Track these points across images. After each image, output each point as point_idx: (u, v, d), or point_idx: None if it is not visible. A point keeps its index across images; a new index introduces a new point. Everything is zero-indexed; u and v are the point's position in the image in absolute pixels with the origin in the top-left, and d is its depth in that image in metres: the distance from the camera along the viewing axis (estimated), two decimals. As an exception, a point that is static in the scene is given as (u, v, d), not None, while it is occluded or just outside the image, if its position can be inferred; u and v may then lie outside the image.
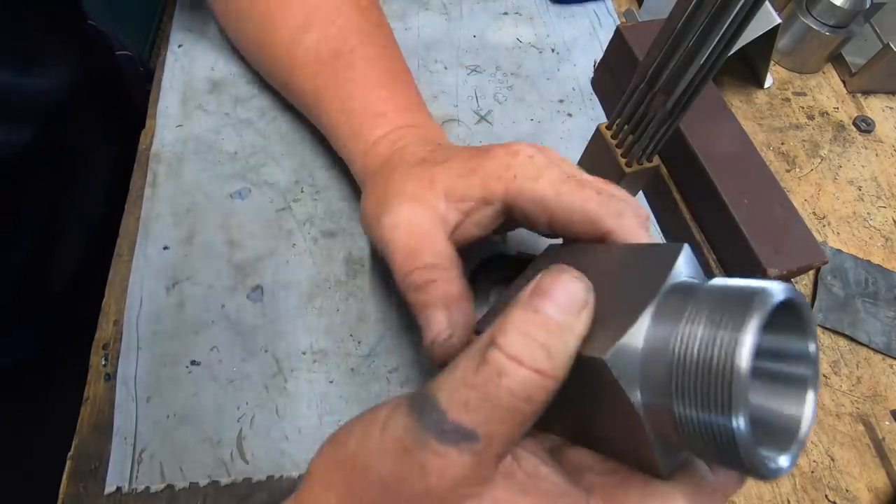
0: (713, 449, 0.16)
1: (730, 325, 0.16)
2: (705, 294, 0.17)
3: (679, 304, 0.18)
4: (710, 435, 0.16)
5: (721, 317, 0.16)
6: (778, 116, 0.53)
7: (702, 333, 0.16)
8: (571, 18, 0.56)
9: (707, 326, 0.16)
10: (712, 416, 0.16)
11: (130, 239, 0.40)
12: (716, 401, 0.15)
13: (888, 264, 0.46)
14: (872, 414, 0.40)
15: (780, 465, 0.17)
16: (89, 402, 0.35)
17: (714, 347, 0.16)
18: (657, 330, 0.18)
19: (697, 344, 0.16)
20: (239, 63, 0.48)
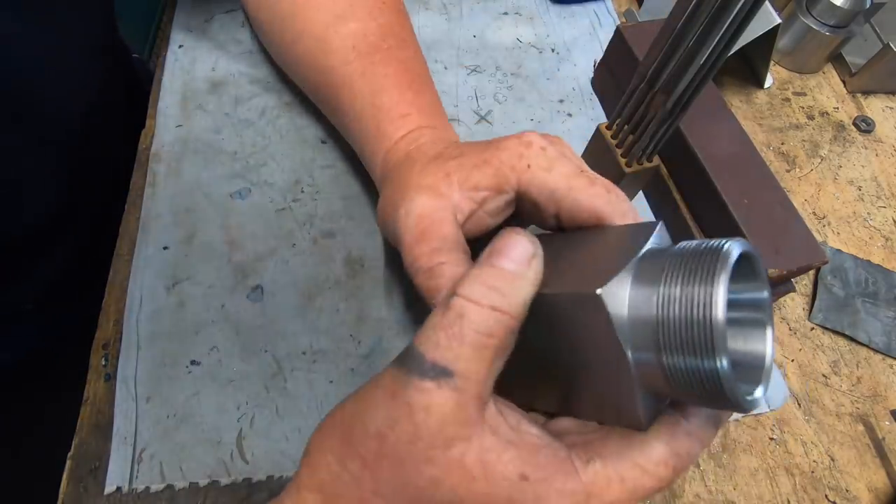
0: (700, 390, 0.18)
1: (703, 282, 0.18)
2: (676, 256, 0.19)
3: (655, 268, 0.20)
4: (697, 379, 0.18)
5: (694, 276, 0.18)
6: (778, 116, 0.53)
7: (680, 293, 0.18)
8: (571, 18, 0.56)
9: (684, 286, 0.18)
10: (699, 362, 0.18)
11: (130, 239, 0.40)
12: (701, 349, 0.18)
13: (888, 264, 0.46)
14: (872, 414, 0.40)
15: (755, 395, 0.19)
16: (89, 402, 0.35)
17: (693, 304, 0.18)
18: (638, 292, 0.20)
19: (678, 302, 0.18)
20: (240, 63, 0.48)
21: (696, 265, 0.19)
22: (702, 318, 0.18)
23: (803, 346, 0.42)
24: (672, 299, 0.19)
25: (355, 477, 0.20)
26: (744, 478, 0.37)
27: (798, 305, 0.44)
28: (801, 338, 0.42)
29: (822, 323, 0.43)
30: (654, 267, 0.20)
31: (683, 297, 0.18)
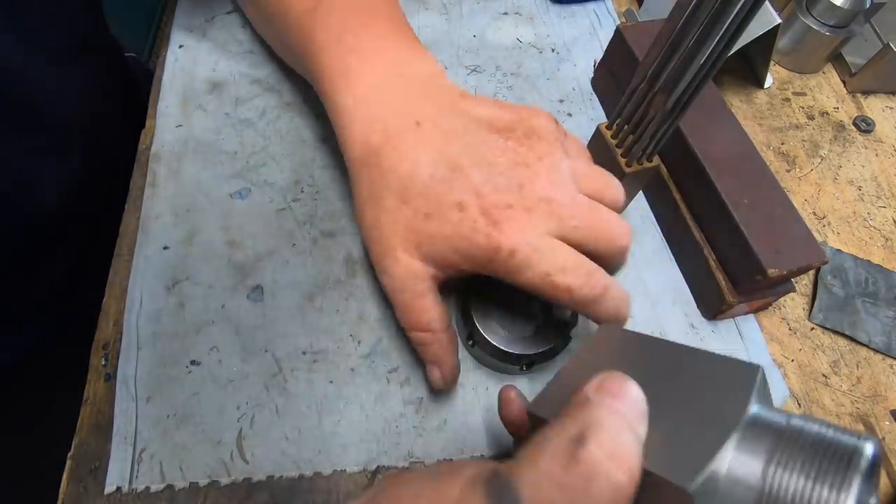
0: None
1: (829, 483, 0.16)
2: (794, 435, 0.17)
3: (763, 438, 0.18)
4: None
5: (818, 471, 0.16)
6: (778, 116, 0.53)
7: (796, 482, 0.17)
8: (571, 18, 0.56)
9: (802, 477, 0.16)
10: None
11: (130, 239, 0.40)
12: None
13: (888, 264, 0.46)
14: (872, 414, 0.40)
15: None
16: (89, 402, 0.35)
17: (812, 500, 0.16)
18: (739, 463, 0.18)
19: (791, 491, 0.16)
20: (240, 64, 0.48)
21: (823, 456, 0.17)
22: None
23: (803, 346, 0.42)
24: (783, 483, 0.17)
25: None
26: (744, 478, 0.37)
27: (798, 305, 0.44)
28: (801, 338, 0.42)
29: (822, 323, 0.43)
30: (763, 436, 0.18)
31: (801, 488, 0.16)
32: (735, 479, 0.17)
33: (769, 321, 0.42)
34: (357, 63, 0.35)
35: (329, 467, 0.34)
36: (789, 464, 0.17)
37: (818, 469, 0.16)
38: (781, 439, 0.17)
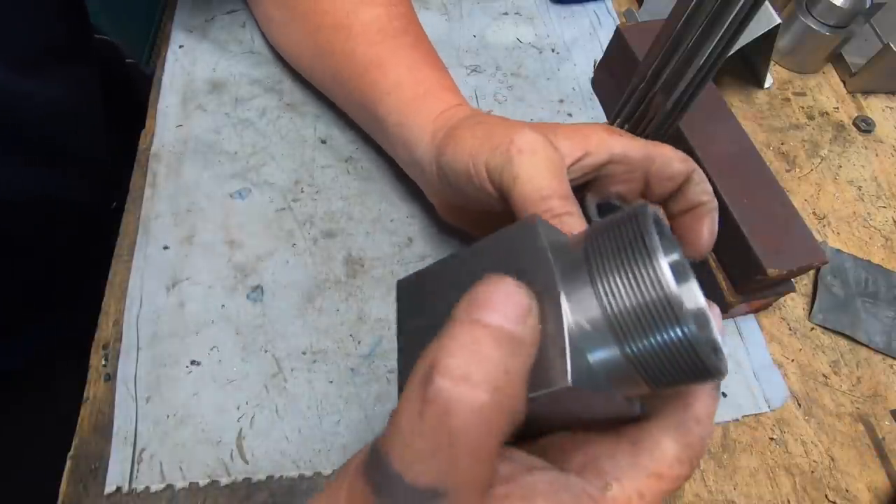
0: (676, 367, 0.17)
1: (640, 261, 0.17)
2: (591, 247, 0.18)
3: (574, 270, 0.18)
4: (669, 355, 0.17)
5: (626, 258, 0.17)
6: (778, 116, 0.53)
7: (622, 284, 0.17)
8: (571, 18, 0.56)
9: (621, 274, 0.17)
10: (667, 338, 0.17)
11: (130, 239, 0.40)
12: (664, 324, 0.17)
13: (888, 264, 0.46)
14: (872, 414, 0.40)
15: (722, 351, 0.18)
16: (89, 402, 0.35)
17: (640, 287, 0.17)
18: (577, 307, 0.18)
19: (623, 293, 0.17)
20: (240, 64, 0.48)
21: (621, 246, 0.17)
22: (655, 296, 0.17)
23: (803, 346, 0.42)
24: (615, 291, 0.17)
25: None
26: (744, 478, 0.37)
27: (798, 305, 0.44)
28: (801, 338, 0.42)
29: (822, 323, 0.43)
30: (577, 273, 0.18)
31: (626, 286, 0.17)
32: (584, 320, 0.18)
33: (769, 321, 0.42)
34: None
35: (329, 467, 0.34)
36: (606, 271, 0.17)
37: (626, 257, 0.17)
38: (588, 262, 0.18)
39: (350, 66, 0.40)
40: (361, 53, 0.39)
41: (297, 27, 0.43)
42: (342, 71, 0.40)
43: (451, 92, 0.37)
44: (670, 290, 0.16)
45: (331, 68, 0.41)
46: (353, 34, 0.39)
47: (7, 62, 0.37)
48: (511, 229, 0.20)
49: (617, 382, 0.18)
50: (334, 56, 0.40)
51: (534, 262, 0.19)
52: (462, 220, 0.38)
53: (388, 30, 0.39)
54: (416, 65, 0.38)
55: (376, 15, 0.40)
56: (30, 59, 0.40)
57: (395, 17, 0.40)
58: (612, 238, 0.18)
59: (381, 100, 0.38)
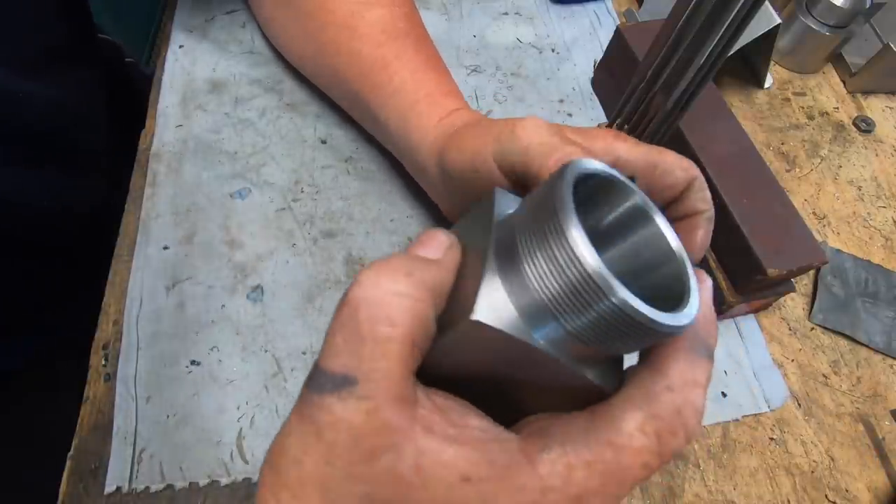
0: (624, 337, 0.16)
1: (553, 232, 0.16)
2: (520, 218, 0.18)
3: (510, 244, 0.18)
4: (612, 328, 0.16)
5: (542, 228, 0.16)
6: (778, 116, 0.53)
7: (541, 256, 0.16)
8: (571, 18, 0.56)
9: (540, 247, 0.16)
10: (599, 312, 0.16)
11: (130, 239, 0.40)
12: (591, 297, 0.16)
13: (888, 264, 0.46)
14: (872, 414, 0.40)
15: (688, 303, 0.17)
16: (89, 402, 0.35)
17: (557, 260, 0.16)
18: (509, 279, 0.17)
19: (544, 267, 0.16)
20: (240, 64, 0.48)
21: (539, 216, 0.17)
22: (574, 270, 0.16)
23: (803, 346, 0.42)
24: (538, 267, 0.16)
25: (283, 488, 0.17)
26: (744, 478, 0.37)
27: (798, 305, 0.44)
28: (801, 338, 0.42)
29: (822, 323, 0.43)
30: (509, 244, 0.18)
31: (545, 259, 0.16)
32: (511, 284, 0.17)
33: (769, 321, 0.42)
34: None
35: (329, 467, 0.34)
36: (529, 241, 0.17)
37: (541, 226, 0.16)
38: (518, 228, 0.17)
39: (354, 67, 0.40)
40: (366, 54, 0.39)
41: (300, 26, 0.43)
42: (346, 71, 0.40)
43: (452, 96, 0.37)
44: (584, 258, 0.15)
45: (334, 68, 0.41)
46: (358, 34, 0.40)
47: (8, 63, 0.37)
48: (480, 203, 0.22)
49: (566, 348, 0.18)
50: (339, 56, 0.40)
51: (484, 231, 0.19)
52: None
53: (392, 31, 0.39)
54: (420, 67, 0.38)
55: (381, 15, 0.40)
56: (31, 60, 0.40)
57: (399, 18, 0.40)
58: (535, 208, 0.17)
59: (384, 103, 0.38)
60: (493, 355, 0.18)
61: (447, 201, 0.37)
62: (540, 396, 0.20)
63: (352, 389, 0.16)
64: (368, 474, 0.16)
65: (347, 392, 0.16)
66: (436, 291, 0.18)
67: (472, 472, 0.16)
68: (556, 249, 0.16)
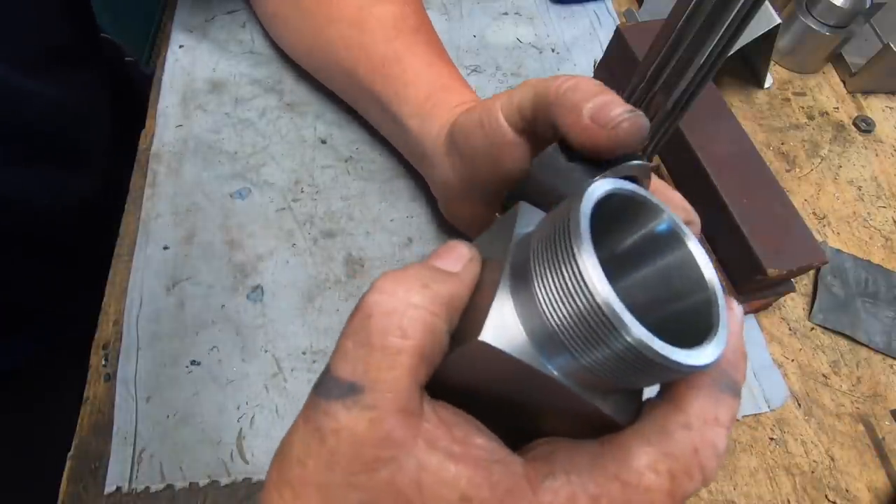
0: (639, 373, 0.15)
1: (567, 262, 0.15)
2: (537, 241, 0.17)
3: (525, 265, 0.17)
4: (626, 364, 0.15)
5: (556, 255, 0.15)
6: (778, 116, 0.53)
7: (553, 283, 0.15)
8: (571, 18, 0.56)
9: (553, 274, 0.15)
10: (612, 348, 0.15)
11: (130, 239, 0.40)
12: (604, 334, 0.15)
13: (888, 264, 0.46)
14: (872, 414, 0.40)
15: (712, 341, 0.16)
16: (89, 402, 0.35)
17: (569, 291, 0.15)
18: (522, 301, 0.17)
19: (556, 297, 0.15)
20: (240, 64, 0.48)
21: (554, 237, 0.16)
22: (583, 299, 0.15)
23: (803, 346, 0.42)
24: (549, 293, 0.16)
25: (289, 489, 0.17)
26: (744, 478, 0.37)
27: (798, 305, 0.44)
28: (801, 338, 0.42)
29: (822, 323, 0.43)
30: (524, 264, 0.17)
31: (556, 284, 0.15)
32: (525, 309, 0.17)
33: (769, 321, 0.42)
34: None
35: (329, 467, 0.34)
36: (542, 267, 0.16)
37: (555, 253, 0.16)
38: (534, 251, 0.17)
39: (364, 61, 0.40)
40: (378, 49, 0.39)
41: (303, 22, 0.43)
42: (354, 65, 0.40)
43: (467, 89, 0.38)
44: (598, 296, 0.14)
45: (340, 63, 0.41)
46: (368, 29, 0.40)
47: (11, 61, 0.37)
48: (505, 217, 0.21)
49: (577, 377, 0.17)
50: (349, 50, 0.41)
51: (503, 247, 0.19)
52: (463, 219, 0.38)
53: (403, 27, 0.40)
54: (434, 60, 0.39)
55: (391, 11, 0.40)
56: (34, 59, 0.40)
57: (409, 15, 0.41)
58: (551, 233, 0.16)
59: (397, 93, 0.38)
60: (502, 376, 0.18)
61: (450, 188, 0.36)
62: (550, 420, 0.19)
63: (357, 398, 0.16)
64: (367, 484, 0.16)
65: (353, 400, 0.16)
66: (451, 305, 0.18)
67: (472, 493, 0.16)
68: (566, 275, 0.15)
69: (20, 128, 0.40)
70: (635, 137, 0.22)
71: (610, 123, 0.22)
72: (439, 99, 0.36)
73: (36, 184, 0.43)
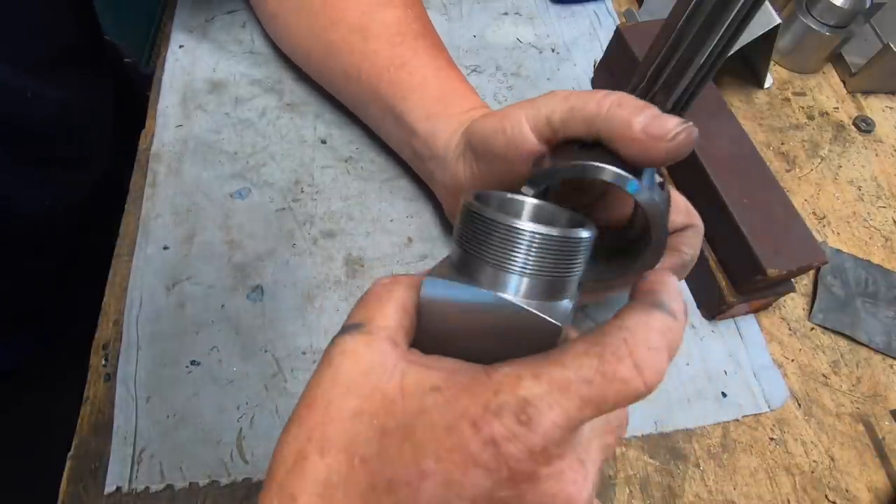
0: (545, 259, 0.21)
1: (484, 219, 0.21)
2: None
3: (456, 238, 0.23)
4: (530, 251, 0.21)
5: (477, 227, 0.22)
6: (778, 116, 0.53)
7: (471, 231, 0.22)
8: (571, 18, 0.56)
9: (471, 230, 0.22)
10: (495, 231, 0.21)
11: (130, 239, 0.40)
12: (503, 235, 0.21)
13: (888, 264, 0.46)
14: (872, 414, 0.40)
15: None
16: (89, 402, 0.35)
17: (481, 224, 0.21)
18: (454, 258, 0.23)
19: (475, 230, 0.22)
20: (240, 64, 0.48)
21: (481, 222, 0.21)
22: (492, 225, 0.21)
23: (803, 346, 0.42)
24: (469, 234, 0.22)
25: (295, 425, 0.21)
26: (744, 478, 0.37)
27: (798, 305, 0.44)
28: (801, 338, 0.42)
29: (822, 323, 0.43)
30: (456, 240, 0.23)
31: (476, 230, 0.22)
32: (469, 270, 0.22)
33: (769, 321, 0.42)
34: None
35: (329, 467, 0.34)
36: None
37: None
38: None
39: (368, 65, 0.40)
40: (383, 53, 0.39)
41: (305, 24, 0.43)
42: (359, 69, 0.40)
43: (474, 94, 0.38)
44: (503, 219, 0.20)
45: (344, 66, 0.41)
46: (373, 34, 0.40)
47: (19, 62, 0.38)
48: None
49: (507, 285, 0.21)
50: (352, 55, 0.40)
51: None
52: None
53: (407, 32, 0.40)
54: (441, 65, 0.39)
55: (395, 16, 0.40)
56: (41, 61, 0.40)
57: (413, 20, 0.41)
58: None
59: (405, 97, 0.38)
60: (458, 323, 0.22)
61: (458, 190, 0.36)
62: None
63: (358, 330, 0.22)
64: (360, 391, 0.20)
65: (355, 331, 0.22)
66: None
67: (440, 384, 0.20)
68: (478, 223, 0.21)
69: (25, 130, 0.40)
70: (689, 148, 0.25)
71: (667, 136, 0.25)
72: (449, 103, 0.37)
73: (38, 185, 0.43)
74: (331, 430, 0.20)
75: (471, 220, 0.21)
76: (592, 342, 0.20)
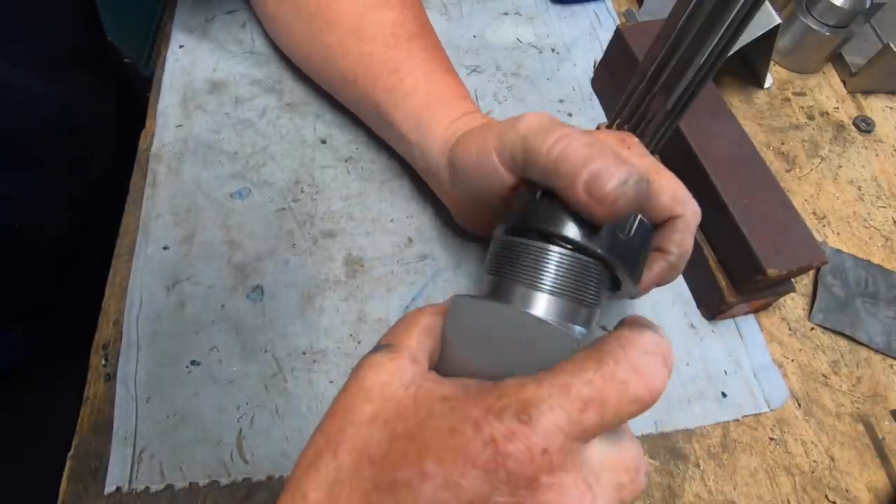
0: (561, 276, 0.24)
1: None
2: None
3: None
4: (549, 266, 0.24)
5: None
6: (778, 116, 0.53)
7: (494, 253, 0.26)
8: (571, 18, 0.56)
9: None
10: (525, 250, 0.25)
11: (130, 239, 0.40)
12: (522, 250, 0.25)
13: (888, 264, 0.46)
14: (872, 414, 0.40)
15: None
16: (89, 402, 0.35)
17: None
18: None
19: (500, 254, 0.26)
20: (240, 64, 0.48)
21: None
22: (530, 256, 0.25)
23: (803, 346, 0.42)
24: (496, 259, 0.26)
25: (318, 431, 0.23)
26: (744, 478, 0.37)
27: (798, 305, 0.44)
28: (801, 338, 0.42)
29: (822, 323, 0.43)
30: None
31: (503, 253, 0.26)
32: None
33: (769, 321, 0.42)
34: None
35: (329, 467, 0.34)
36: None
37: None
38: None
39: (363, 69, 0.39)
40: (377, 57, 0.39)
41: (304, 25, 0.43)
42: (354, 73, 0.40)
43: (463, 99, 0.38)
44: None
45: (341, 69, 0.41)
46: (367, 36, 0.39)
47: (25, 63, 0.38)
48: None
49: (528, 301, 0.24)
50: (347, 58, 0.40)
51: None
52: (477, 225, 0.38)
53: (402, 33, 0.39)
54: (431, 70, 0.39)
55: (391, 17, 0.40)
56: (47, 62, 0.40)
57: (409, 20, 0.40)
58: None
59: (396, 105, 0.38)
60: (477, 336, 0.24)
61: (457, 201, 0.37)
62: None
63: (386, 348, 0.24)
64: (378, 398, 0.22)
65: (383, 350, 0.24)
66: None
67: (450, 394, 0.21)
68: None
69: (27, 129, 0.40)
70: (632, 209, 0.24)
71: (606, 199, 0.23)
72: (436, 112, 0.36)
73: (38, 185, 0.43)
74: (347, 433, 0.22)
75: (506, 247, 0.25)
76: (591, 350, 0.21)
